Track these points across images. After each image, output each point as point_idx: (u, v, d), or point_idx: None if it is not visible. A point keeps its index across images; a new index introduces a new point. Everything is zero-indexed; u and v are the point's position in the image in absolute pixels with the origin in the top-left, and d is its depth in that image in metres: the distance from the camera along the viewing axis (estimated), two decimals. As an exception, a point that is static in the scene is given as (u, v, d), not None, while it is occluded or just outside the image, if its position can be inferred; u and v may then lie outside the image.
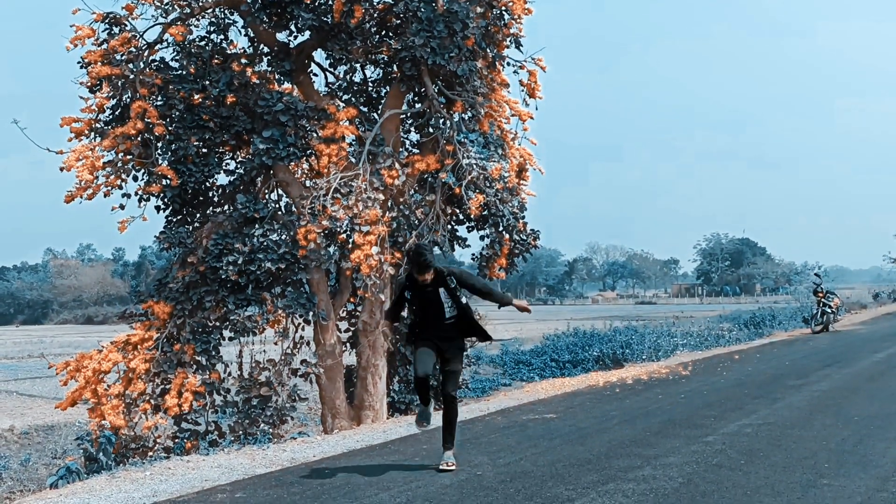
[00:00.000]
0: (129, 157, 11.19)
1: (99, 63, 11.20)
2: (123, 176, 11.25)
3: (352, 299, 12.54)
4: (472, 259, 12.54)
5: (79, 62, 11.26)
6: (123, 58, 11.37)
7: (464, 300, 6.91)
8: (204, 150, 11.75)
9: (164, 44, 11.89)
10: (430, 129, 11.95)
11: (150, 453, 10.50)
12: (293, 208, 11.74)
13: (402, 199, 11.86)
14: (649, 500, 5.73)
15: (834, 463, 6.85)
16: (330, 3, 11.59)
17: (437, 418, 7.20)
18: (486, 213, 11.72)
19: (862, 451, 7.35)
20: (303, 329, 11.97)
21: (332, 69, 13.31)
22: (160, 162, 11.30)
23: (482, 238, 12.14)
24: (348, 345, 12.55)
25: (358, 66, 13.21)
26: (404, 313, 8.76)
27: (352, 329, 12.65)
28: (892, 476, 6.38)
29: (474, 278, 7.08)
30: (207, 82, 11.52)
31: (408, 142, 13.11)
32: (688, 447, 7.58)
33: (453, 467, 6.83)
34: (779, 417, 9.20)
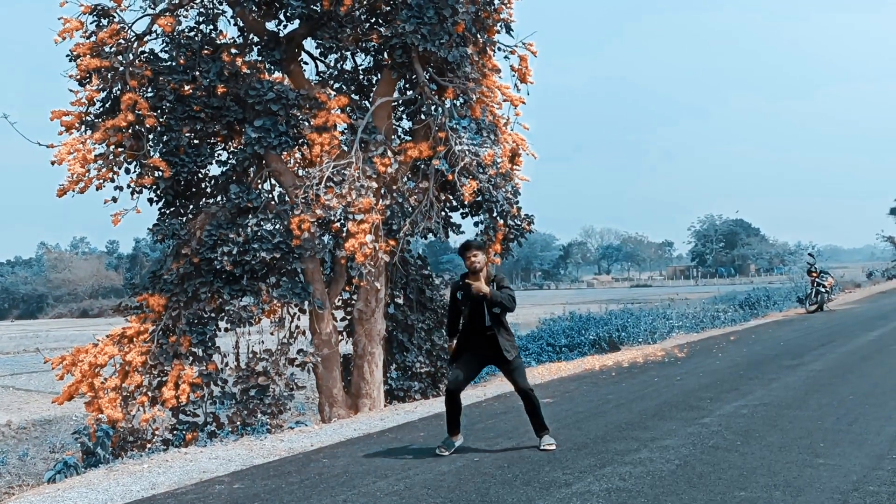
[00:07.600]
0: (120, 149, 11.15)
1: (88, 56, 11.15)
2: (115, 168, 11.21)
3: (347, 288, 12.56)
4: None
5: (68, 55, 11.22)
6: (112, 50, 11.32)
7: (496, 310, 6.89)
8: (195, 141, 11.71)
9: (153, 35, 11.82)
10: (422, 116, 11.91)
11: (149, 446, 10.50)
12: (286, 198, 11.71)
13: (395, 187, 11.83)
14: (646, 483, 5.76)
15: (829, 442, 6.89)
16: (319, -10, 11.52)
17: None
18: (479, 198, 11.69)
19: (857, 429, 7.40)
20: (299, 318, 11.98)
21: (322, 58, 13.24)
22: (152, 154, 11.26)
23: (476, 224, 12.11)
24: (344, 333, 12.56)
25: (348, 54, 13.13)
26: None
27: (348, 318, 12.66)
28: (887, 454, 6.43)
29: (510, 289, 7.00)
30: (197, 73, 11.45)
31: (400, 129, 13.06)
32: (684, 429, 7.61)
33: (554, 446, 6.93)
34: (774, 398, 9.24)
